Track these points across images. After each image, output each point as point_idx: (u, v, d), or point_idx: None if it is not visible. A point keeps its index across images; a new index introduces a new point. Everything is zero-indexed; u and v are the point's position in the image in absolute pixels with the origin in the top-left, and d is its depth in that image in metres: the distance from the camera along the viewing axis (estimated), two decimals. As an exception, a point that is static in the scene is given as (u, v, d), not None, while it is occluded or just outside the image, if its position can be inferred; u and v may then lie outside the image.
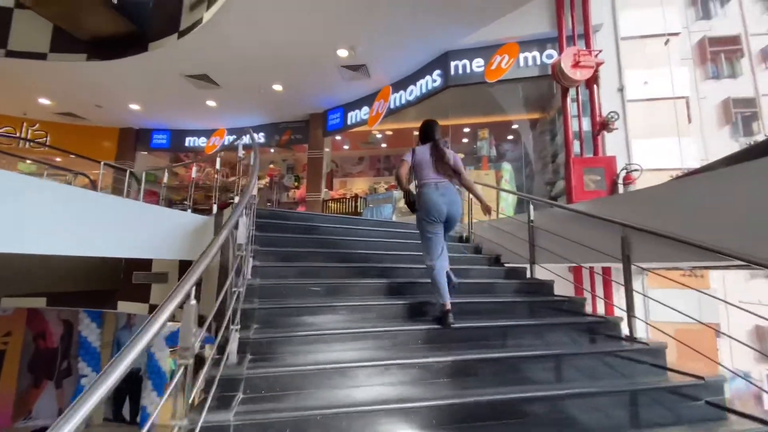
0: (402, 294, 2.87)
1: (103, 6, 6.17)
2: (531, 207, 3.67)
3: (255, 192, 3.64)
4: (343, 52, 6.30)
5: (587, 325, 2.59)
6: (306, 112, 8.73)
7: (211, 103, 8.47)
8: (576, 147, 5.08)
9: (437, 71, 6.24)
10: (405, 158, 2.78)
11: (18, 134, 9.50)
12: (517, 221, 3.93)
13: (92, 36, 6.80)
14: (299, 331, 2.18)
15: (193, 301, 1.24)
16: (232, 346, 1.82)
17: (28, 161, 6.91)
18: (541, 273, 3.48)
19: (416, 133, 3.10)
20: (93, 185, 7.24)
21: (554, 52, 5.55)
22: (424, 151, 2.76)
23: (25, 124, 9.57)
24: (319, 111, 8.63)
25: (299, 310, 2.43)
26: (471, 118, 7.37)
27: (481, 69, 5.88)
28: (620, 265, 2.55)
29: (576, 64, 4.82)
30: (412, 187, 2.81)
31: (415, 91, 6.66)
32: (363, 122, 7.67)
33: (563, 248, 3.14)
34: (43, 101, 8.60)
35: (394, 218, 6.82)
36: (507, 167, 5.90)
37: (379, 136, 9.64)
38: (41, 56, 6.89)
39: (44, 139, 9.72)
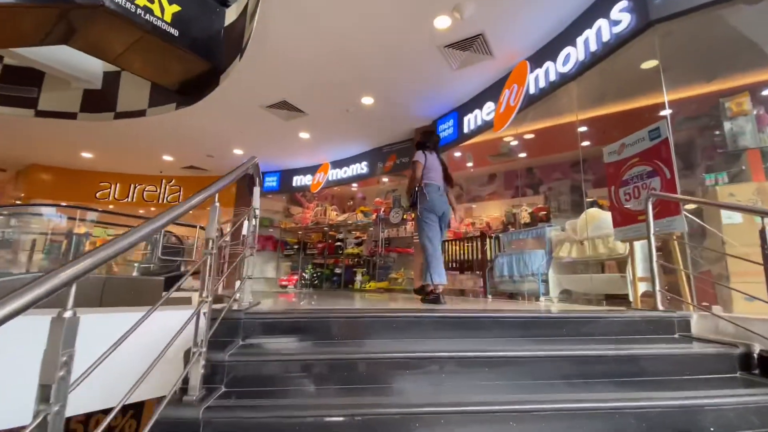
0: None
1: (178, 48, 5.48)
2: None
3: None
4: (443, 21, 4.01)
5: None
6: (410, 127, 6.67)
7: (304, 135, 7.25)
8: None
9: (621, 4, 3.32)
10: (419, 160, 3.42)
11: (158, 191, 10.25)
12: None
13: (180, 83, 6.29)
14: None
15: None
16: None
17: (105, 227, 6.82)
18: None
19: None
20: (179, 240, 6.66)
21: None
22: (432, 158, 3.51)
23: (163, 181, 10.30)
24: (426, 122, 6.45)
25: None
26: (695, 86, 4.03)
27: (736, -35, 2.74)
28: None
29: None
30: None
31: (574, 54, 3.82)
32: (487, 126, 5.12)
33: None
34: (167, 158, 8.89)
35: (552, 278, 3.99)
36: None
37: (514, 143, 6.85)
38: (141, 113, 6.76)
39: (178, 193, 10.29)
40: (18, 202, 9.77)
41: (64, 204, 8.21)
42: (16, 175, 10.36)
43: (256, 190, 2.55)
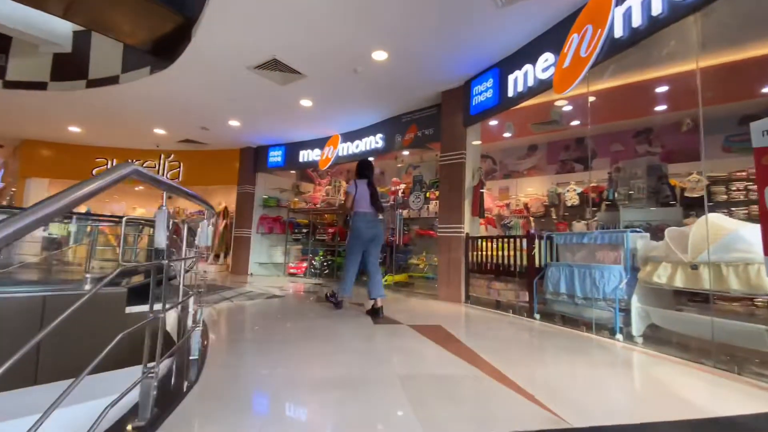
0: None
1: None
2: None
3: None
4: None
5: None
6: (435, 90, 5.30)
7: (305, 102, 6.03)
8: None
9: None
10: (350, 191, 3.97)
11: (157, 167, 9.41)
12: None
13: (151, 42, 5.14)
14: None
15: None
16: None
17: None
18: None
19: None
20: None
21: None
22: (363, 187, 3.97)
23: (162, 156, 9.42)
24: (455, 84, 5.06)
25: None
26: None
27: None
28: None
29: None
30: None
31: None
32: (542, 87, 3.75)
33: None
34: (159, 131, 7.92)
35: (635, 308, 2.81)
36: None
37: (567, 108, 5.40)
38: (114, 80, 5.72)
39: (178, 169, 9.42)
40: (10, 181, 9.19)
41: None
42: (14, 151, 9.74)
43: (161, 222, 1.44)
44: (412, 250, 7.23)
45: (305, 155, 7.93)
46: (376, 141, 6.52)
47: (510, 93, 4.12)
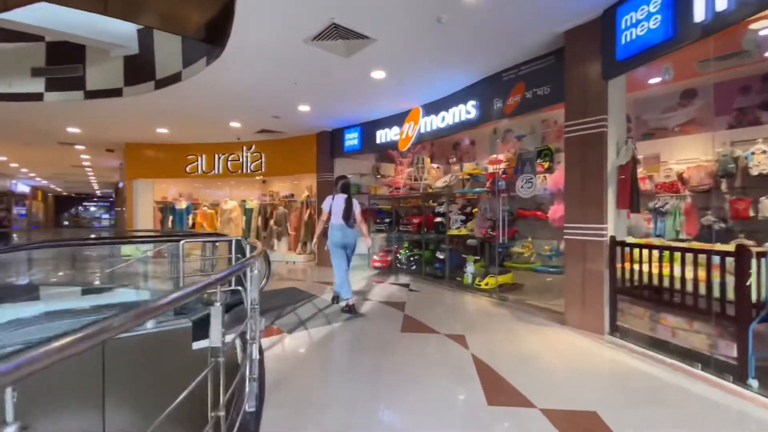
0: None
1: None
2: None
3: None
4: None
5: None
6: (551, 31, 3.74)
7: (378, 74, 4.95)
8: None
9: None
10: (324, 208, 4.43)
11: (240, 159, 9.35)
12: None
13: (205, 28, 4.58)
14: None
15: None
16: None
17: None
18: None
19: None
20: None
21: None
22: (339, 201, 4.33)
23: (244, 148, 9.31)
24: (586, 17, 3.45)
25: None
26: None
27: None
28: None
29: None
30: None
31: None
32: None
33: None
34: (234, 124, 7.64)
35: None
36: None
37: (765, 32, 3.41)
38: (177, 77, 5.35)
39: (260, 160, 9.24)
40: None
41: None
42: (123, 154, 10.61)
43: None
44: (515, 236, 5.90)
45: (383, 135, 6.93)
46: (467, 110, 5.18)
47: (698, 17, 2.48)
